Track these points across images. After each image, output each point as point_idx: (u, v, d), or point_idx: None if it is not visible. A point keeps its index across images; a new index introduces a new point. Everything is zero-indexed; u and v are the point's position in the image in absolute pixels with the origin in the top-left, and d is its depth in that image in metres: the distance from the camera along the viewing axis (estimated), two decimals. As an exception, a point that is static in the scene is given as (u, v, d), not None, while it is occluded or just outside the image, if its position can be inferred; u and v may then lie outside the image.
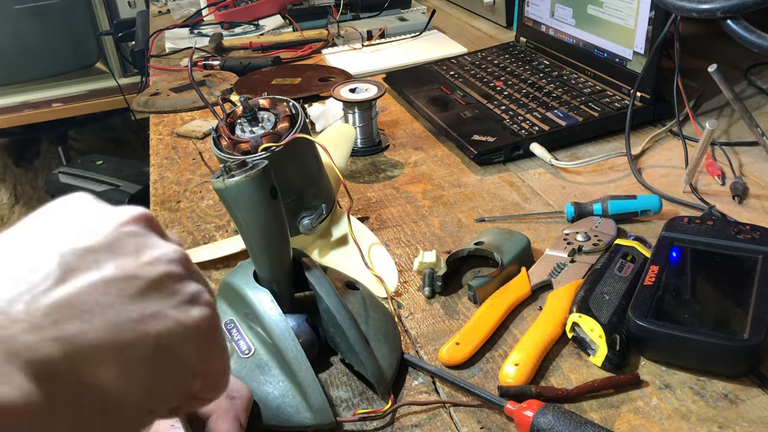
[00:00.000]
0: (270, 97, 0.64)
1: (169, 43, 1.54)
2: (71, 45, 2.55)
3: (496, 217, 0.78)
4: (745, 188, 0.79)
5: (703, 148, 0.77)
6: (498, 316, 0.61)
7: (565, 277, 0.65)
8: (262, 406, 0.53)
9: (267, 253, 0.54)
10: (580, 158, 0.90)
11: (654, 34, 0.92)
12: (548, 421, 0.49)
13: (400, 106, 1.12)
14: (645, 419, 0.51)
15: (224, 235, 0.80)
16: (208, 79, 1.25)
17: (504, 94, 1.05)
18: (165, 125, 1.12)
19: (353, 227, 0.70)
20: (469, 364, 0.58)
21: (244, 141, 0.61)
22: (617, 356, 0.55)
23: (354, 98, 0.92)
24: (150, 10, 1.99)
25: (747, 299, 0.56)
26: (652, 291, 0.58)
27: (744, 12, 0.70)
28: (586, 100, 0.98)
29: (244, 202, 0.50)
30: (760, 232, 0.63)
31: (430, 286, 0.66)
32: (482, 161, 0.90)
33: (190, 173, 0.95)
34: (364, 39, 1.43)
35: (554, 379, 0.56)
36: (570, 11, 1.10)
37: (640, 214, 0.74)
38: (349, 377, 0.58)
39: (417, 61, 1.27)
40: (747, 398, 0.52)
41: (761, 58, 1.09)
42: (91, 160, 2.26)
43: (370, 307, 0.60)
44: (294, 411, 0.52)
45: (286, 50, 1.43)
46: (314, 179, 0.68)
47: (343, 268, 0.67)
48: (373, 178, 0.90)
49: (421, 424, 0.53)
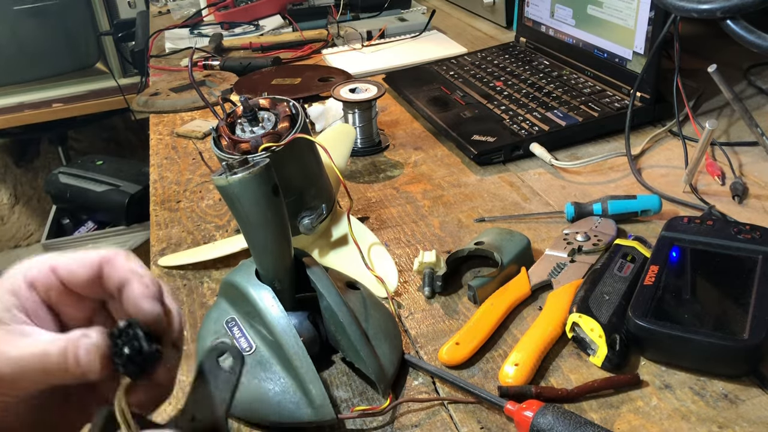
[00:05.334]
0: (270, 97, 0.64)
1: (169, 43, 1.54)
2: (71, 45, 2.55)
3: (496, 217, 0.78)
4: (745, 188, 0.79)
5: (703, 148, 0.77)
6: (498, 316, 0.61)
7: (564, 277, 0.65)
8: (263, 403, 0.53)
9: (269, 250, 0.55)
10: (580, 158, 0.90)
11: (654, 35, 0.93)
12: (548, 421, 0.49)
13: (400, 107, 1.12)
14: (645, 419, 0.51)
15: (224, 234, 0.80)
16: (208, 80, 1.25)
17: (504, 94, 1.05)
18: (165, 125, 1.12)
19: (353, 227, 0.70)
20: (469, 364, 0.58)
21: (245, 141, 0.61)
22: (617, 356, 0.55)
23: (354, 98, 0.92)
24: (150, 10, 1.99)
25: (747, 299, 0.56)
26: (652, 291, 0.58)
27: (744, 12, 0.70)
28: (586, 100, 0.98)
29: (247, 199, 0.51)
30: (760, 232, 0.63)
31: (430, 286, 0.66)
32: (482, 161, 0.90)
33: (190, 173, 0.95)
34: (363, 39, 1.43)
35: (554, 379, 0.56)
36: (570, 11, 1.10)
37: (640, 214, 0.74)
38: (349, 377, 0.58)
39: (417, 62, 1.27)
40: (747, 398, 0.52)
41: (761, 59, 1.09)
42: (91, 160, 2.26)
43: (371, 306, 0.60)
44: (295, 407, 0.52)
45: (286, 50, 1.43)
46: (314, 179, 0.68)
47: (343, 268, 0.67)
48: (373, 178, 0.90)
49: (421, 423, 0.53)
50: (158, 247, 0.79)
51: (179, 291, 0.71)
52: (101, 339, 0.39)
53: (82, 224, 2.21)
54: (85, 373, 0.39)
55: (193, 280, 0.72)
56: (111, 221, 2.16)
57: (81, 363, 0.39)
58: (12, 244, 2.84)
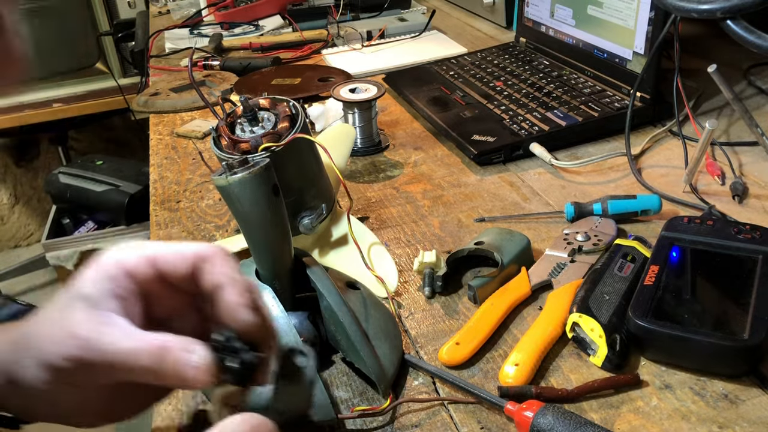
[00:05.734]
0: (270, 97, 0.64)
1: (168, 43, 1.54)
2: (71, 45, 2.55)
3: (496, 217, 0.78)
4: (745, 188, 0.79)
5: (703, 148, 0.77)
6: (498, 316, 0.61)
7: (565, 277, 0.65)
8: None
9: (269, 249, 0.55)
10: (579, 158, 0.90)
11: (654, 35, 0.92)
12: (548, 421, 0.49)
13: (400, 107, 1.12)
14: (645, 419, 0.51)
15: (224, 234, 0.80)
16: (207, 80, 1.25)
17: (504, 94, 1.04)
18: (165, 125, 1.12)
19: (353, 227, 0.70)
20: (469, 364, 0.58)
21: (245, 141, 0.61)
22: (617, 356, 0.55)
23: (354, 98, 0.92)
24: (150, 10, 1.99)
25: (747, 299, 0.56)
26: (653, 291, 0.58)
27: (744, 12, 0.70)
28: (586, 100, 0.98)
29: (247, 199, 0.51)
30: (760, 231, 0.63)
31: (430, 286, 0.66)
32: (482, 161, 0.90)
33: (190, 173, 0.95)
34: (363, 39, 1.43)
35: (554, 379, 0.56)
36: (570, 12, 1.10)
37: (640, 214, 0.74)
38: (349, 377, 0.58)
39: (417, 62, 1.27)
40: (747, 398, 0.52)
41: (761, 59, 1.09)
42: (91, 160, 2.26)
43: (371, 306, 0.60)
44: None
45: (285, 51, 1.43)
46: (314, 179, 0.68)
47: (343, 268, 0.67)
48: (372, 178, 0.90)
49: (421, 424, 0.53)
50: (158, 247, 0.79)
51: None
52: (208, 356, 0.40)
53: (82, 224, 2.21)
54: (188, 384, 0.40)
55: (193, 280, 0.72)
56: (111, 221, 2.17)
57: (187, 377, 0.39)
58: (12, 243, 2.84)
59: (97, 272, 0.42)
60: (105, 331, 0.40)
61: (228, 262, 0.43)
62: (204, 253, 0.43)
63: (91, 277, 0.42)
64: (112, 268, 0.42)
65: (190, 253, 0.43)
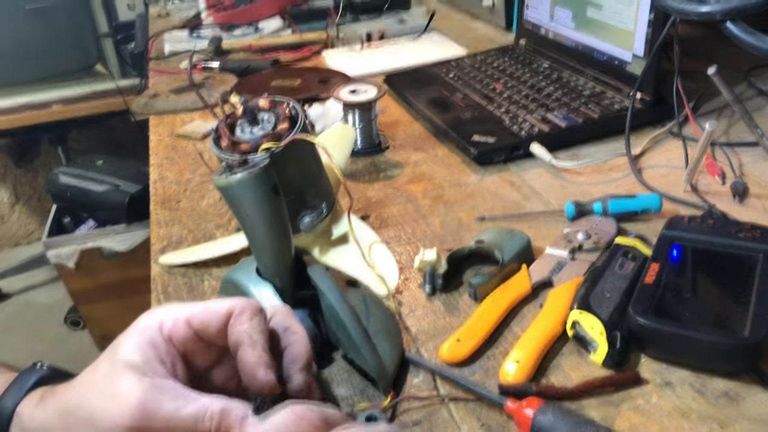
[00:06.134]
0: (270, 98, 0.64)
1: (168, 45, 1.54)
2: (70, 47, 2.55)
3: (497, 216, 0.78)
4: (745, 188, 0.79)
5: (703, 148, 0.77)
6: (499, 314, 0.61)
7: (565, 274, 0.65)
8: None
9: (269, 248, 0.55)
10: (580, 158, 0.90)
11: (653, 37, 0.93)
12: (548, 419, 0.49)
13: (400, 108, 1.12)
14: (645, 417, 0.51)
15: (225, 233, 0.80)
16: (207, 81, 1.25)
17: (504, 96, 1.05)
18: (164, 126, 1.12)
19: (354, 226, 0.70)
20: (469, 362, 0.58)
21: (244, 142, 0.61)
22: (618, 354, 0.55)
23: (354, 99, 0.92)
24: (149, 12, 1.99)
25: (747, 297, 0.56)
26: (653, 289, 0.58)
27: (744, 14, 0.70)
28: (586, 102, 0.98)
29: (247, 199, 0.51)
30: (761, 231, 0.63)
31: (430, 284, 0.66)
32: (482, 161, 0.90)
33: (190, 173, 0.95)
34: (363, 41, 1.43)
35: (555, 376, 0.56)
36: (569, 14, 1.11)
37: (641, 213, 0.74)
38: (350, 374, 0.58)
39: (416, 63, 1.27)
40: (747, 396, 0.52)
41: (761, 61, 1.10)
42: (91, 160, 2.25)
43: (371, 303, 0.60)
44: None
45: (285, 52, 1.43)
46: (314, 179, 0.68)
47: (343, 267, 0.67)
48: (373, 178, 0.90)
49: (422, 421, 0.53)
50: (159, 245, 0.79)
51: (180, 289, 0.71)
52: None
53: (83, 222, 2.21)
54: None
55: (193, 278, 0.72)
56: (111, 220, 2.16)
57: None
58: (12, 242, 2.84)
59: (137, 340, 0.43)
60: (163, 398, 0.41)
61: (253, 319, 0.45)
62: (234, 309, 0.45)
63: (132, 344, 0.43)
64: (153, 335, 0.44)
65: (223, 311, 0.45)
